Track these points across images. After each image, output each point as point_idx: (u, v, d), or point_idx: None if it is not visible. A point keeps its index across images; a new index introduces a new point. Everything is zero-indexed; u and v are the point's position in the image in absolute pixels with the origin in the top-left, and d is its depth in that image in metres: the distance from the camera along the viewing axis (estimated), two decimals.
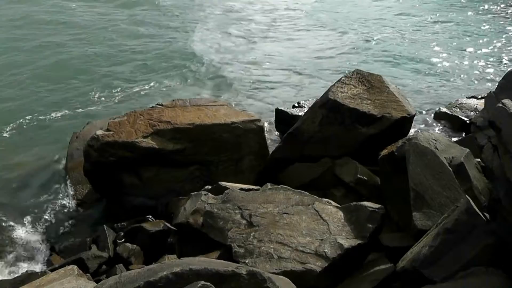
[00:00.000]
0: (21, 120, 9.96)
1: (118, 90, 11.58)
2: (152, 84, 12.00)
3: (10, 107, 10.52)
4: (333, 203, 5.43)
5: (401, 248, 4.71)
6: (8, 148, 9.01)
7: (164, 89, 11.89)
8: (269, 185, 5.88)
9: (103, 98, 11.16)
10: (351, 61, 13.79)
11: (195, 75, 12.70)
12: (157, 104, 7.73)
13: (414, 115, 7.43)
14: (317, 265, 4.48)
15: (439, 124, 9.68)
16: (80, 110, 10.59)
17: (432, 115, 10.10)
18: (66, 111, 10.48)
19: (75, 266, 4.94)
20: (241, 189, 5.89)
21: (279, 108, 9.38)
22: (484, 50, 14.66)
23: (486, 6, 19.23)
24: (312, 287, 4.45)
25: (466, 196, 4.46)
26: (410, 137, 5.79)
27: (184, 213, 5.92)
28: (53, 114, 10.31)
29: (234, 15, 17.91)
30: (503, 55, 14.30)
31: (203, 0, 19.25)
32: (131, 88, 11.72)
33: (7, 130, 9.63)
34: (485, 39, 15.62)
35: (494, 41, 15.44)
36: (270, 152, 7.62)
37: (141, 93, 11.55)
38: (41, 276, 4.85)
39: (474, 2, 19.76)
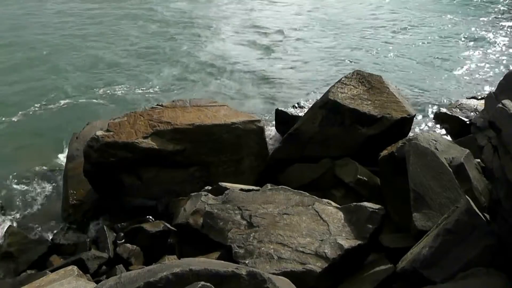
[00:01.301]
0: (20, 119, 9.99)
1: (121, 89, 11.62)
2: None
3: (8, 107, 10.55)
4: (333, 203, 5.43)
5: (401, 249, 4.71)
6: (6, 150, 9.00)
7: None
8: (269, 186, 5.87)
9: (105, 98, 11.20)
10: (348, 61, 13.82)
11: None
12: (157, 105, 7.72)
13: (414, 116, 7.43)
14: (317, 266, 4.47)
15: (439, 125, 9.69)
16: (81, 110, 10.62)
17: (432, 115, 10.10)
18: (67, 110, 10.51)
19: (75, 267, 4.94)
20: (241, 189, 5.89)
21: (279, 108, 9.38)
22: (484, 51, 14.67)
23: (488, 8, 19.26)
24: None
25: (466, 196, 4.45)
26: (410, 137, 5.78)
27: (184, 213, 5.92)
28: (53, 114, 10.33)
29: None
30: (504, 55, 14.31)
31: None
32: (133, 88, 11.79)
33: (5, 131, 9.64)
34: (485, 40, 15.63)
35: (495, 42, 15.45)
36: (270, 153, 7.62)
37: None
38: (41, 276, 4.84)
39: (477, 3, 19.79)
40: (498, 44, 15.29)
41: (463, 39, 15.77)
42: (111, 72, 12.85)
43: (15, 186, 7.92)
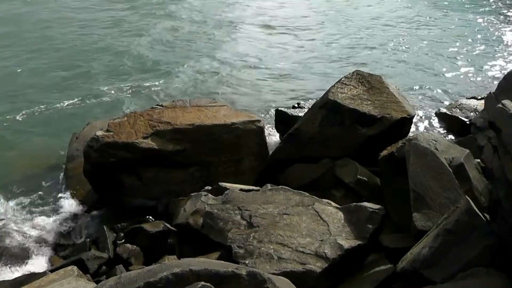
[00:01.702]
0: (20, 118, 9.99)
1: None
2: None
3: (12, 105, 10.56)
4: (333, 203, 5.43)
5: (401, 249, 4.71)
6: (6, 151, 9.00)
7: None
8: (269, 186, 5.87)
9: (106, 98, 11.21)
10: (350, 58, 13.84)
11: None
12: (157, 105, 7.73)
13: (414, 116, 7.43)
14: (317, 266, 4.48)
15: (439, 125, 9.70)
16: (81, 110, 10.61)
17: (432, 115, 10.11)
18: (70, 109, 10.53)
19: (75, 267, 4.95)
20: (241, 189, 5.89)
21: (279, 108, 9.37)
22: (484, 51, 14.68)
23: (489, 8, 19.28)
24: None
25: (466, 197, 4.45)
26: (410, 137, 5.78)
27: (184, 213, 5.92)
28: (56, 113, 10.34)
29: None
30: (504, 55, 14.32)
31: None
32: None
33: (5, 131, 9.64)
34: (486, 40, 15.64)
35: (496, 42, 15.46)
36: (270, 153, 7.62)
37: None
38: (41, 277, 4.85)
39: (477, 4, 19.81)
40: (499, 44, 15.30)
41: (464, 38, 15.76)
42: (123, 69, 12.83)
43: (15, 186, 7.91)
